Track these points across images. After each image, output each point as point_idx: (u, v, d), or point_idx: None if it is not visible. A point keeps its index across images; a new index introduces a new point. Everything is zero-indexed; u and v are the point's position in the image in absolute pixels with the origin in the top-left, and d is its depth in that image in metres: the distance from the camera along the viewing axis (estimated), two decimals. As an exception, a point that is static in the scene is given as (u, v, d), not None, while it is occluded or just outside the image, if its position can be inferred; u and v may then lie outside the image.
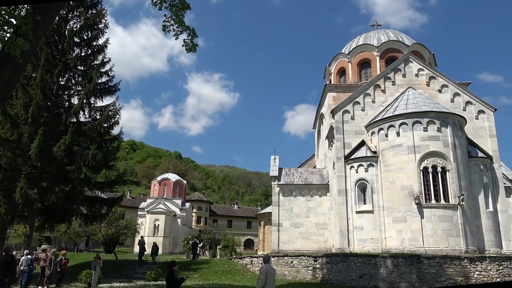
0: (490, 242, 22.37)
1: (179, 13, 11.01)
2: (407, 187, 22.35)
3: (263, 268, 10.40)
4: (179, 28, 11.52)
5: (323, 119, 32.47)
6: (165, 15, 11.49)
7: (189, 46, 11.68)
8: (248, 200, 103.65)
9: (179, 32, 11.63)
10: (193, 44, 11.76)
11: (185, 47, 11.81)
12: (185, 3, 10.86)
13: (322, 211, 28.49)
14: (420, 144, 22.71)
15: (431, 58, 31.89)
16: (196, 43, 11.94)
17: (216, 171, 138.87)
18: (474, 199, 22.90)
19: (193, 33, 11.72)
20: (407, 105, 24.18)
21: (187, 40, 11.88)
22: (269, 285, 9.96)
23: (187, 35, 11.86)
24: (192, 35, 11.86)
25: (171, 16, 11.21)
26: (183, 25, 11.32)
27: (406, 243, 21.55)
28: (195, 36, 11.83)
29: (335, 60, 33.81)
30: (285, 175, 30.21)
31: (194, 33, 11.73)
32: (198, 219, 69.26)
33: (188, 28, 11.54)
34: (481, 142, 24.90)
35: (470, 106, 25.90)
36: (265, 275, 9.97)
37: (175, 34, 11.72)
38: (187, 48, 11.84)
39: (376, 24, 34.91)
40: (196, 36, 11.86)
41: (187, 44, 11.71)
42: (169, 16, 11.35)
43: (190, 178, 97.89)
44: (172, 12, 11.20)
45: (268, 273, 10.04)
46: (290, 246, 27.73)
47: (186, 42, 11.80)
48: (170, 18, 11.44)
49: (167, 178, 60.67)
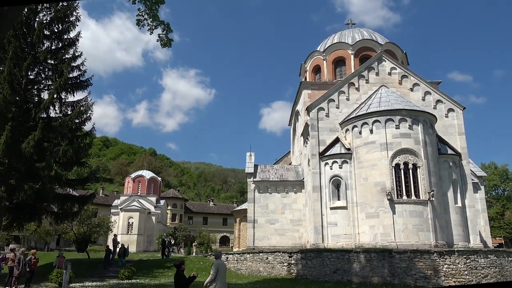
0: (459, 237, 23.12)
1: (153, 8, 10.84)
2: (380, 183, 22.82)
3: (214, 263, 10.61)
4: (153, 23, 11.35)
5: (298, 116, 32.71)
6: (139, 9, 11.29)
7: (164, 41, 11.53)
8: (223, 197, 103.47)
9: (153, 26, 11.46)
10: (168, 39, 11.62)
11: (160, 42, 11.67)
12: (159, -4, 10.70)
13: (297, 207, 28.75)
14: (392, 141, 23.20)
15: (404, 57, 32.59)
16: (171, 38, 11.81)
17: (192, 168, 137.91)
18: (444, 195, 23.59)
19: (168, 28, 11.58)
20: (380, 103, 24.65)
21: (162, 35, 11.73)
22: (220, 280, 10.16)
23: (162, 30, 11.70)
24: (167, 30, 11.72)
25: (145, 10, 11.02)
26: (157, 19, 11.16)
27: (379, 238, 22.02)
28: (170, 31, 11.69)
29: (310, 58, 34.07)
30: (260, 172, 30.29)
31: (169, 28, 11.59)
32: (173, 217, 68.65)
33: (162, 23, 11.39)
34: (450, 140, 25.65)
35: (440, 105, 26.62)
36: (216, 271, 10.16)
37: (150, 29, 11.54)
38: (162, 43, 11.70)
39: (350, 23, 35.38)
40: (171, 31, 11.72)
41: (162, 39, 11.57)
42: (143, 10, 11.15)
43: (165, 175, 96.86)
44: (146, 6, 11.01)
45: (219, 269, 10.22)
46: (266, 243, 27.86)
47: (161, 37, 11.66)
48: (144, 12, 11.25)
49: (141, 175, 59.84)
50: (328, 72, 31.89)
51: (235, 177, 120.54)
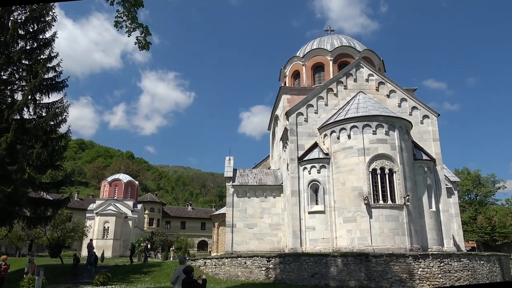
0: (433, 240, 23.62)
1: (132, 10, 10.71)
2: (357, 188, 23.12)
3: (177, 269, 10.63)
4: (132, 25, 11.21)
5: (278, 120, 32.87)
6: (117, 11, 11.13)
7: (142, 43, 11.40)
8: (202, 201, 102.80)
9: (132, 29, 11.32)
10: (146, 42, 11.50)
11: (138, 44, 11.53)
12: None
13: (276, 211, 28.81)
14: (370, 147, 23.57)
15: (381, 64, 33.23)
16: (150, 41, 11.68)
17: (170, 171, 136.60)
18: (419, 199, 24.09)
19: (147, 30, 11.46)
20: (358, 109, 25.02)
21: (140, 37, 11.59)
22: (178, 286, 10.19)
23: (140, 32, 11.57)
24: (145, 33, 11.59)
25: (123, 12, 10.87)
26: (136, 22, 11.03)
27: (356, 242, 22.27)
28: (148, 34, 11.57)
29: (290, 63, 34.34)
30: (239, 176, 30.25)
31: (147, 31, 11.47)
32: (151, 221, 67.73)
33: (141, 26, 11.27)
34: (425, 146, 26.25)
35: (415, 111, 27.23)
36: (177, 276, 10.24)
37: (128, 31, 11.39)
38: (139, 46, 11.56)
39: (329, 30, 35.85)
40: (150, 34, 11.61)
41: (140, 42, 11.43)
42: (122, 12, 11.00)
43: (143, 179, 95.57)
44: (124, 8, 10.87)
45: (180, 275, 10.15)
46: (244, 247, 27.79)
47: (139, 39, 11.51)
48: (122, 14, 11.10)
49: (118, 179, 58.89)
50: (307, 78, 32.19)
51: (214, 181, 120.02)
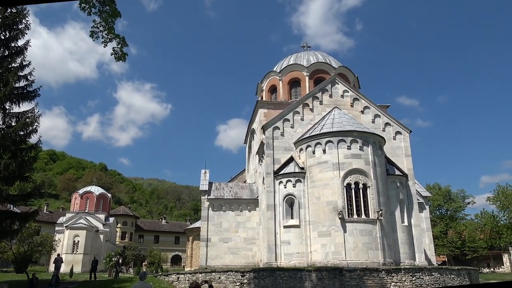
0: (405, 255, 23.99)
1: (109, 20, 10.61)
2: (332, 202, 23.33)
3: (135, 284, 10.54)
4: (108, 36, 11.08)
5: (254, 134, 32.97)
6: (94, 21, 11.00)
7: (118, 54, 11.28)
8: (177, 215, 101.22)
9: (108, 39, 11.18)
10: (122, 53, 11.38)
11: (114, 55, 11.39)
12: (115, 10, 10.49)
13: (251, 225, 28.67)
14: (344, 162, 23.91)
15: (355, 80, 33.98)
16: (126, 52, 11.57)
17: (144, 184, 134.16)
18: (392, 214, 24.50)
19: (124, 41, 11.35)
20: (333, 124, 25.42)
21: (116, 48, 11.47)
22: None
23: (117, 43, 11.45)
24: (122, 44, 11.48)
25: (100, 23, 10.75)
26: (113, 32, 10.91)
27: (330, 257, 22.37)
28: (125, 45, 11.46)
29: (267, 78, 34.68)
30: (215, 190, 30.03)
31: (124, 42, 11.36)
32: (123, 235, 66.12)
33: (118, 37, 11.15)
34: (398, 161, 26.84)
35: (389, 127, 27.88)
36: None
37: (104, 41, 11.25)
38: (116, 57, 11.43)
39: (306, 46, 36.51)
40: (127, 45, 11.50)
41: (116, 53, 11.30)
42: (98, 22, 10.88)
43: (116, 192, 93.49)
44: (101, 18, 10.76)
45: None
46: (219, 262, 27.45)
47: (115, 50, 11.38)
48: (99, 24, 10.97)
49: (90, 191, 57.36)
50: (284, 92, 32.55)
51: (189, 194, 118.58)
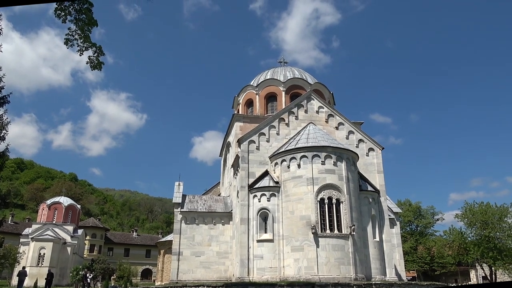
0: (376, 270, 24.25)
1: (85, 28, 10.47)
2: (305, 217, 23.43)
3: None
4: (84, 44, 10.92)
5: (229, 147, 32.92)
6: (69, 28, 10.83)
7: (94, 63, 11.12)
8: (149, 227, 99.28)
9: (84, 48, 11.02)
10: (98, 62, 11.23)
11: (90, 64, 11.23)
12: (92, 19, 10.37)
13: (225, 239, 28.40)
14: (318, 177, 24.14)
15: (331, 97, 34.60)
16: (102, 61, 11.43)
17: (116, 195, 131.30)
18: (364, 229, 24.79)
19: (100, 51, 11.21)
20: (308, 139, 25.70)
21: (92, 57, 11.31)
22: None
23: (93, 52, 11.29)
24: (98, 53, 11.33)
25: (75, 30, 10.59)
26: (89, 41, 10.76)
27: (303, 272, 22.36)
28: (101, 54, 11.32)
29: (243, 91, 34.86)
30: (189, 202, 29.67)
31: (101, 51, 11.23)
32: (92, 247, 64.27)
33: (94, 45, 11.01)
34: (370, 177, 27.31)
35: (362, 144, 28.41)
36: None
37: (80, 50, 11.07)
38: (92, 65, 11.27)
39: (283, 61, 37.01)
40: (103, 54, 11.37)
41: (92, 62, 11.14)
42: (74, 30, 10.71)
43: (86, 203, 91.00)
44: (77, 26, 10.61)
45: None
46: (190, 276, 26.97)
47: (91, 59, 11.22)
48: (74, 32, 10.81)
49: (58, 202, 55.69)
50: (260, 106, 32.77)
51: (162, 206, 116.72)
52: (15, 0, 3.82)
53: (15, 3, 3.85)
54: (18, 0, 3.85)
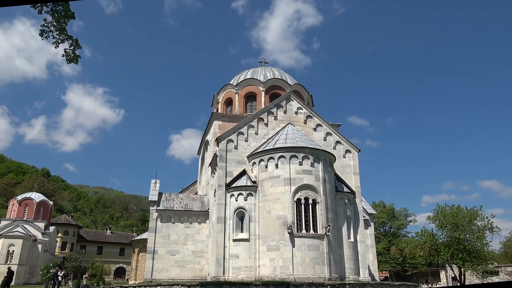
0: (350, 270, 24.59)
1: (61, 20, 10.21)
2: (282, 217, 23.54)
3: None
4: (60, 36, 10.66)
5: (208, 146, 32.75)
6: (45, 20, 10.54)
7: (70, 56, 10.87)
8: (123, 225, 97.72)
9: (60, 40, 10.76)
10: (75, 55, 10.99)
11: (66, 57, 10.98)
12: (69, 11, 10.12)
13: (201, 238, 28.26)
14: (296, 177, 24.30)
15: (310, 98, 34.87)
16: (79, 55, 11.18)
17: (90, 192, 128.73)
18: (339, 230, 25.10)
19: (77, 44, 10.97)
20: (286, 140, 25.83)
21: (68, 50, 11.06)
22: None
23: (69, 44, 11.04)
24: (75, 46, 11.09)
25: (51, 22, 10.31)
26: (65, 33, 10.51)
27: (278, 271, 22.46)
28: (78, 47, 11.09)
29: (223, 90, 34.74)
30: (165, 200, 29.36)
31: (77, 44, 10.99)
32: (64, 245, 62.80)
33: (70, 38, 10.76)
34: (346, 179, 27.66)
35: (339, 146, 28.75)
36: None
37: (55, 42, 10.81)
38: (67, 59, 11.02)
39: (263, 62, 37.09)
40: (80, 47, 11.13)
41: (68, 55, 10.90)
42: (50, 22, 10.44)
43: (58, 199, 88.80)
44: (53, 18, 10.33)
45: None
46: (165, 275, 26.71)
47: (67, 52, 10.97)
48: (50, 24, 10.53)
49: (29, 198, 54.18)
50: (240, 106, 32.73)
51: (138, 204, 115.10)
52: (15, 0, 3.87)
53: (15, 3, 3.90)
54: (18, 0, 3.91)
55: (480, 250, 37.67)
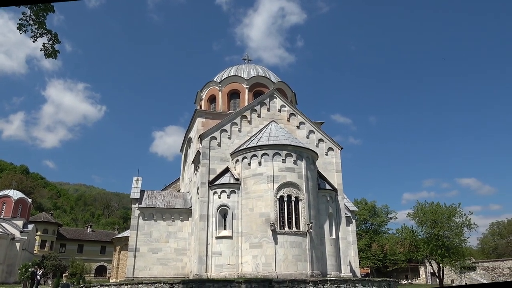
0: (332, 266, 24.86)
1: (40, 14, 9.98)
2: (265, 214, 23.62)
3: None
4: (39, 30, 10.43)
5: (191, 143, 32.58)
6: (23, 13, 10.30)
7: (49, 51, 10.65)
8: (104, 223, 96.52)
9: (38, 34, 10.53)
10: (54, 49, 10.77)
11: (44, 51, 10.75)
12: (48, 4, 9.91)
13: (183, 236, 28.13)
14: (278, 175, 24.39)
15: (293, 96, 35.01)
16: (58, 50, 10.96)
17: (70, 189, 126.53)
18: (321, 227, 25.33)
19: (56, 38, 10.75)
20: (270, 138, 25.90)
21: (47, 44, 10.83)
22: None
23: (48, 39, 10.81)
24: (54, 40, 10.87)
25: (30, 16, 10.08)
26: (44, 27, 10.28)
27: (261, 268, 22.54)
28: (57, 42, 10.86)
29: (207, 87, 34.57)
30: (147, 198, 29.11)
31: (56, 39, 10.77)
32: (43, 243, 61.64)
33: (49, 32, 10.54)
34: (329, 176, 27.91)
35: (322, 143, 28.97)
36: None
37: (34, 36, 10.57)
38: (46, 53, 10.79)
39: (247, 59, 37.03)
40: (59, 42, 10.91)
41: (47, 49, 10.67)
42: (28, 15, 10.20)
43: (37, 197, 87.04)
44: (32, 11, 10.10)
45: None
46: (147, 273, 26.51)
47: (46, 46, 10.74)
48: (29, 17, 10.29)
49: (7, 195, 53.04)
50: (223, 103, 32.63)
51: (120, 202, 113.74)
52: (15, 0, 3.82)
53: (15, 3, 3.85)
54: (18, 0, 3.87)
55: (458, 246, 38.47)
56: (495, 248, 73.34)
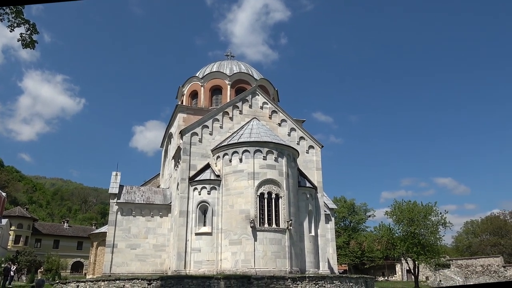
0: (311, 263, 25.11)
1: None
2: (245, 211, 23.66)
3: None
4: (16, 20, 10.16)
5: (171, 138, 32.32)
6: (-1, 2, 10.00)
7: (26, 41, 10.39)
8: (82, 218, 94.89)
9: (15, 24, 10.26)
10: (31, 40, 10.51)
11: (22, 42, 10.48)
12: (26, -7, 9.65)
13: (162, 232, 27.93)
14: (259, 171, 24.46)
15: (275, 93, 35.10)
16: (36, 40, 10.70)
17: (47, 184, 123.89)
18: (300, 224, 25.53)
19: (34, 28, 10.49)
20: (251, 134, 25.92)
21: (25, 35, 10.56)
22: None
23: (25, 29, 10.54)
24: (31, 30, 10.61)
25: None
26: (21, 17, 10.02)
27: (240, 265, 22.59)
28: (35, 32, 10.61)
29: (188, 82, 34.32)
30: (126, 193, 28.77)
31: (34, 29, 10.51)
32: (17, 238, 60.16)
33: (27, 22, 10.28)
34: (309, 174, 28.14)
35: (303, 141, 29.17)
36: None
37: (11, 26, 10.29)
38: (23, 43, 10.52)
39: (230, 55, 36.92)
40: (37, 32, 10.65)
41: (24, 39, 10.41)
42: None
43: (12, 191, 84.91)
44: None
45: None
46: (124, 269, 26.24)
47: (23, 36, 10.48)
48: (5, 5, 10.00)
49: (-20, 189, 51.37)
50: (205, 99, 32.47)
51: (98, 197, 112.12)
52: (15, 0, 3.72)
53: (15, 3, 3.75)
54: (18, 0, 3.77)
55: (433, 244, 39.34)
56: (469, 246, 75.33)
